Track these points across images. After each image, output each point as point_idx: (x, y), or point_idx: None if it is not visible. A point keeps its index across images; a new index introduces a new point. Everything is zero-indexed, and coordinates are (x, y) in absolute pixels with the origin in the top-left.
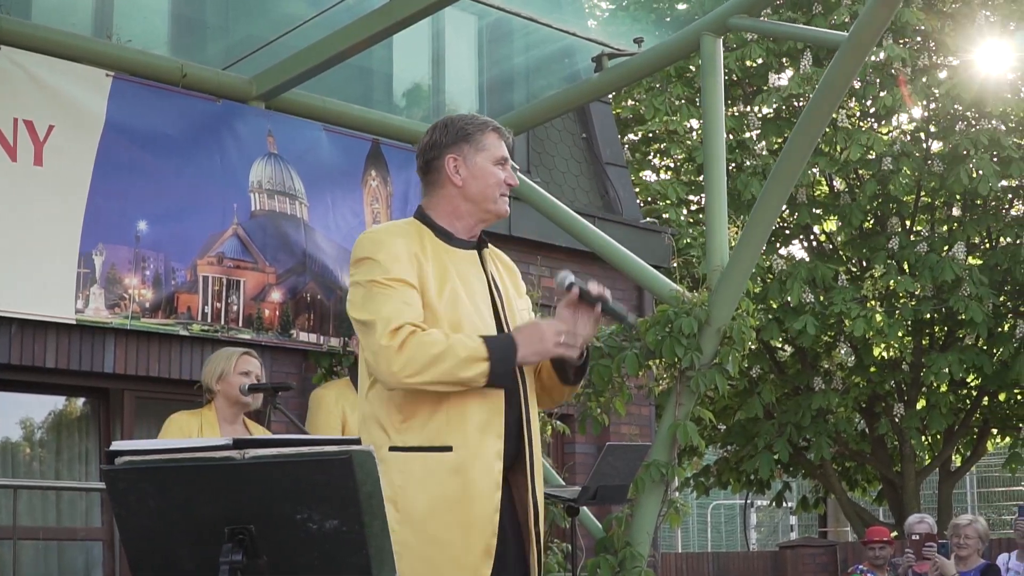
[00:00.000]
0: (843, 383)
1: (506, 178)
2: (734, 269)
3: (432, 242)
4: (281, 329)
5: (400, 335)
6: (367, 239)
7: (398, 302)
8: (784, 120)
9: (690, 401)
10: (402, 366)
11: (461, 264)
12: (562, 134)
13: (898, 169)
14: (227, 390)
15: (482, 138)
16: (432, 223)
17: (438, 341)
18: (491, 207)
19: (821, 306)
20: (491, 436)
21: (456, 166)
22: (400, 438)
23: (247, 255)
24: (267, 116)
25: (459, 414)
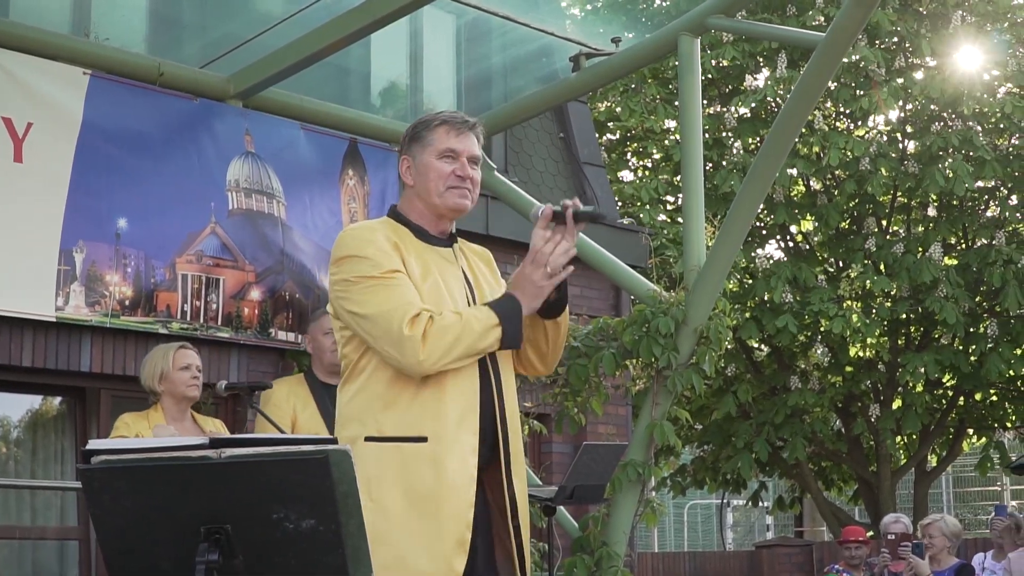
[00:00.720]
0: (819, 383)
1: (454, 169)
2: (711, 269)
3: (409, 239)
4: (260, 328)
5: (420, 324)
6: (350, 236)
7: (405, 292)
8: (761, 120)
9: (667, 401)
10: (428, 354)
11: (438, 260)
12: (540, 133)
13: (875, 170)
14: (171, 388)
15: (427, 135)
16: (407, 221)
17: (454, 322)
18: (437, 201)
19: (799, 305)
20: (466, 431)
21: (408, 167)
22: (377, 427)
23: (226, 253)
24: (244, 115)
25: (435, 406)
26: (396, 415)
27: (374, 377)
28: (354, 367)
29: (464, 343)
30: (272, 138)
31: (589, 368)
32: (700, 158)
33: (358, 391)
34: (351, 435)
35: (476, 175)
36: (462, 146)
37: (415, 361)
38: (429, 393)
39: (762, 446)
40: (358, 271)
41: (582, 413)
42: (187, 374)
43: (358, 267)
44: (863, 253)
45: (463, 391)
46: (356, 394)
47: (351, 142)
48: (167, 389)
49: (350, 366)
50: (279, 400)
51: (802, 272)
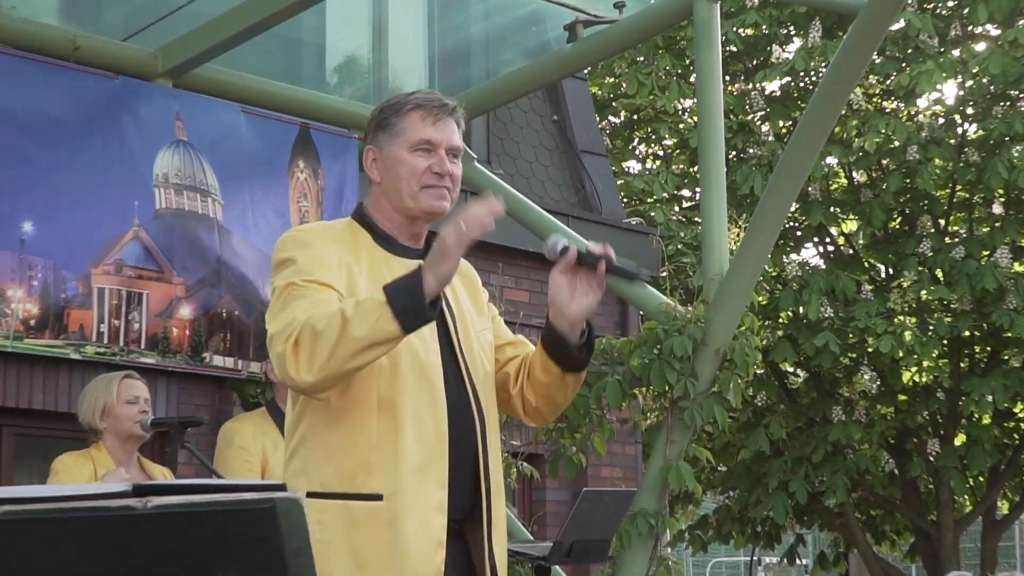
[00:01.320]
0: (867, 414)
1: (431, 165)
2: (736, 278)
3: (369, 249)
4: (192, 352)
5: (293, 334)
6: (290, 238)
7: (310, 304)
8: (793, 100)
9: (684, 437)
10: (302, 361)
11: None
12: (529, 116)
13: (927, 159)
14: (116, 425)
15: (397, 121)
16: (371, 226)
17: (327, 314)
18: (409, 203)
19: (841, 322)
20: (431, 484)
21: (374, 160)
22: (321, 481)
23: (151, 263)
24: (175, 96)
25: (391, 454)
26: (342, 465)
27: (315, 417)
28: (299, 404)
29: (337, 333)
30: (208, 124)
31: (590, 399)
32: (722, 145)
33: (302, 437)
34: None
35: (456, 171)
36: (440, 135)
37: (294, 378)
38: (383, 436)
39: (799, 486)
40: (285, 278)
41: (581, 453)
42: (134, 408)
43: (287, 274)
44: (916, 258)
45: (426, 432)
46: (300, 441)
47: (302, 128)
48: (110, 426)
49: (294, 403)
50: (245, 441)
51: (844, 281)
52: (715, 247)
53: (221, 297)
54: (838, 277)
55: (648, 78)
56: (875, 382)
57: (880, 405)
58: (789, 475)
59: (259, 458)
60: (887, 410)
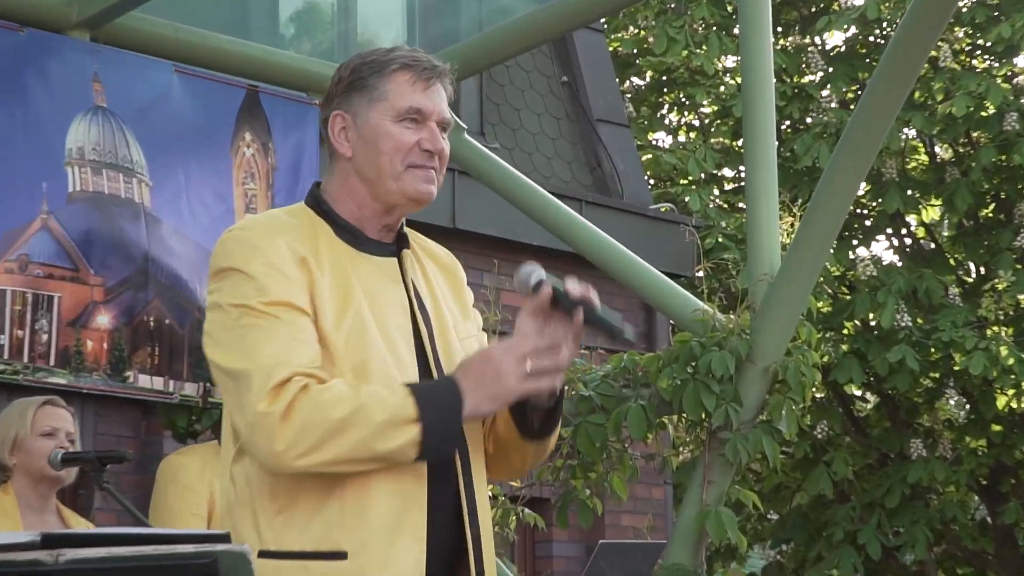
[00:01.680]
0: (952, 448)
1: (421, 140)
2: (789, 279)
3: (330, 243)
4: (111, 370)
5: (285, 395)
6: (232, 240)
7: (283, 340)
8: (860, 58)
9: (725, 477)
10: (290, 443)
11: (372, 277)
12: (532, 78)
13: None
14: (27, 462)
15: (380, 82)
16: (330, 214)
17: (342, 399)
18: (392, 187)
19: (921, 333)
20: (405, 538)
21: (345, 128)
22: (273, 538)
23: (63, 259)
24: (92, 52)
25: (357, 505)
26: (300, 519)
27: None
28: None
29: (351, 436)
30: (133, 86)
31: (608, 429)
32: (771, 113)
33: (247, 480)
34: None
35: (447, 149)
36: (431, 104)
37: (270, 451)
38: (348, 480)
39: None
40: (235, 295)
41: (597, 496)
42: (50, 443)
43: (237, 289)
44: (1013, 254)
45: (401, 480)
46: (245, 486)
47: (249, 91)
48: (21, 463)
49: (232, 441)
50: (191, 478)
51: (929, 282)
52: (763, 240)
53: (148, 302)
54: (922, 276)
55: (681, 31)
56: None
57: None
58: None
59: (207, 500)
60: (978, 443)
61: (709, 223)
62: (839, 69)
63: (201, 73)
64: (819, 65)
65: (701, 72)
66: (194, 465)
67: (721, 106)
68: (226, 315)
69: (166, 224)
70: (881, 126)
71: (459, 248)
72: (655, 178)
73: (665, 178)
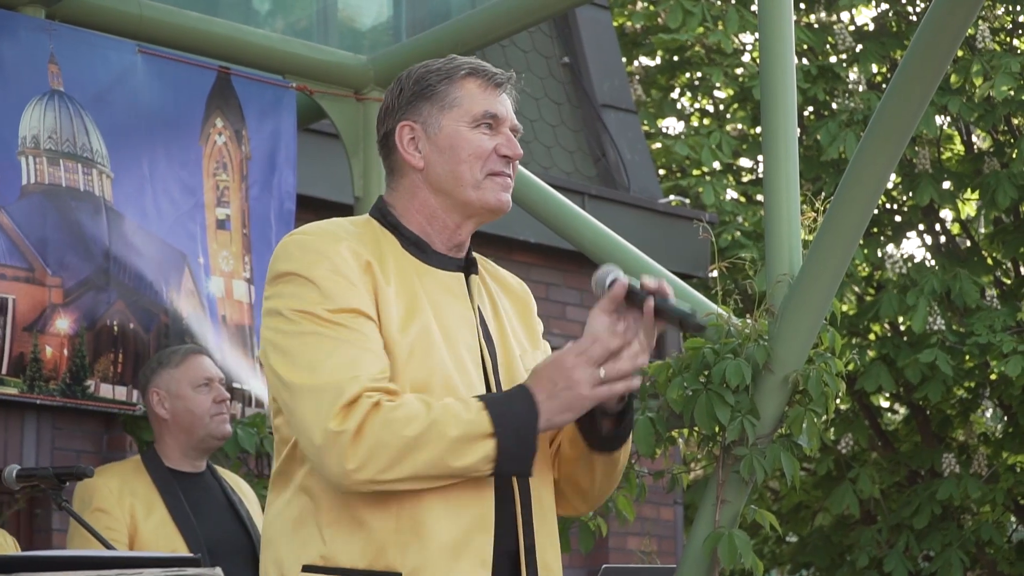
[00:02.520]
0: (988, 465)
1: (498, 146)
2: (811, 280)
3: (395, 253)
4: (71, 379)
5: (356, 413)
6: (295, 244)
7: (350, 353)
8: (892, 36)
9: (740, 496)
10: (362, 462)
11: (438, 291)
12: (530, 58)
13: None
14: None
15: (449, 89)
16: (398, 226)
17: (415, 415)
18: (472, 196)
19: (956, 337)
20: (468, 562)
21: (414, 138)
22: (320, 552)
23: (17, 258)
24: (48, 30)
25: (412, 523)
26: (353, 534)
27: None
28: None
29: (425, 453)
30: (93, 68)
31: None
32: (793, 96)
33: (297, 492)
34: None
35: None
36: (504, 109)
37: (340, 471)
38: (407, 501)
39: (898, 565)
40: (297, 302)
41: (601, 517)
42: None
43: (299, 295)
44: None
45: (466, 500)
46: (294, 496)
47: (220, 73)
48: None
49: (283, 446)
50: (107, 501)
51: (964, 283)
52: (783, 236)
53: (111, 304)
54: (957, 277)
55: (696, 5)
56: (999, 421)
57: (1007, 452)
58: (884, 548)
59: (125, 524)
60: (1016, 459)
61: (724, 218)
62: (868, 48)
63: (167, 54)
64: (847, 43)
65: (719, 50)
66: (112, 485)
67: (739, 89)
68: (288, 322)
69: (129, 220)
70: (913, 112)
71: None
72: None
73: (677, 169)
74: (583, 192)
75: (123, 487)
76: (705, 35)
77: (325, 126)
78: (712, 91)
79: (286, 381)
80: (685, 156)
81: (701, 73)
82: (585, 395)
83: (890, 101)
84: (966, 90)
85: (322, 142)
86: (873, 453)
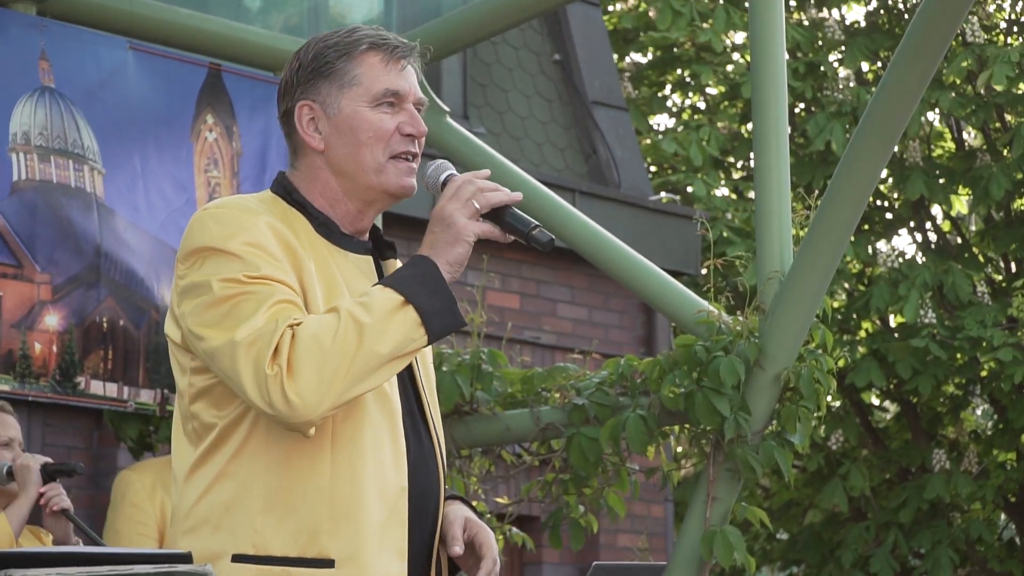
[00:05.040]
0: (979, 462)
1: (400, 124)
2: (802, 276)
3: (307, 233)
4: (61, 376)
5: (282, 352)
6: (211, 217)
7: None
8: (883, 32)
9: (731, 494)
10: (308, 384)
11: (351, 274)
12: (521, 55)
13: None
14: None
15: (348, 66)
16: (305, 205)
17: (326, 322)
18: (373, 181)
19: (947, 333)
20: (389, 551)
21: (313, 119)
22: (252, 540)
23: (5, 254)
24: (39, 28)
25: (347, 506)
26: (287, 518)
27: (254, 453)
28: (217, 436)
29: (361, 349)
30: (84, 65)
31: (602, 440)
32: (784, 93)
33: (219, 479)
34: (207, 550)
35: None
36: (407, 85)
37: (285, 409)
38: (339, 482)
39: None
40: (223, 273)
41: (592, 514)
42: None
43: (222, 267)
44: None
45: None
46: (217, 481)
47: (212, 70)
48: None
49: (207, 433)
50: (140, 496)
51: (956, 277)
52: (774, 233)
53: (101, 301)
54: (949, 271)
55: (686, 4)
56: (990, 418)
57: (997, 449)
58: (871, 546)
59: (156, 520)
60: (1006, 456)
61: (714, 215)
62: (857, 45)
63: (158, 50)
64: (836, 39)
65: (708, 49)
66: (145, 481)
67: (729, 87)
68: (215, 292)
69: (120, 216)
70: (905, 108)
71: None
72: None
73: (667, 166)
74: (574, 189)
75: (156, 483)
76: (695, 34)
77: None
78: (703, 89)
79: (221, 343)
80: (673, 153)
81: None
82: (464, 223)
83: (881, 98)
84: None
85: None
86: (864, 451)
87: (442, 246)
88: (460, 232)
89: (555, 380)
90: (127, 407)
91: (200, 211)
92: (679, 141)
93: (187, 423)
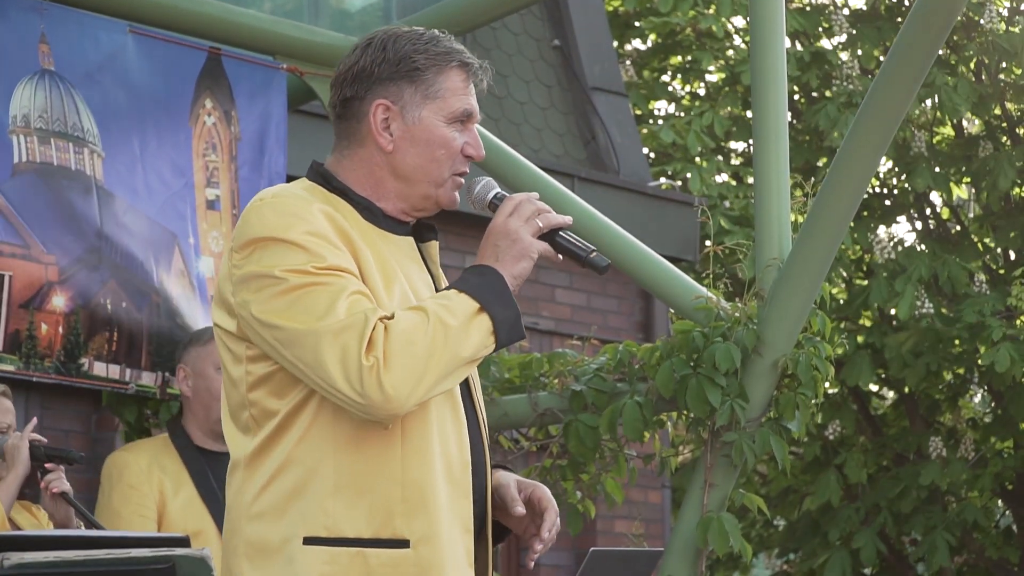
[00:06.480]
0: (976, 449)
1: (464, 146)
2: (801, 264)
3: (353, 219)
4: (65, 357)
5: (376, 344)
6: (268, 207)
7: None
8: (885, 20)
9: (728, 480)
10: (404, 378)
11: (401, 256)
12: (520, 41)
13: None
14: None
15: (437, 78)
16: (347, 191)
17: (416, 321)
18: (431, 192)
19: (945, 322)
20: (458, 528)
21: (388, 119)
22: (325, 523)
23: (12, 234)
24: (38, 9)
25: (419, 488)
26: (358, 500)
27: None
28: (280, 422)
29: (443, 353)
30: (84, 48)
31: (600, 427)
32: (783, 78)
33: (287, 463)
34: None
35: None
36: (477, 107)
37: (380, 400)
38: (410, 464)
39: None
40: (287, 263)
41: (589, 500)
42: None
43: (285, 257)
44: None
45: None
46: (284, 467)
47: (211, 54)
48: None
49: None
50: (137, 478)
51: (952, 268)
52: (773, 220)
53: (104, 283)
54: (945, 263)
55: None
56: (988, 406)
57: (994, 437)
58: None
59: (154, 501)
60: (1003, 444)
61: (712, 202)
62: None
63: (158, 34)
64: (842, 27)
65: (709, 35)
66: (141, 462)
67: (729, 73)
68: (281, 281)
69: (120, 199)
70: (904, 96)
71: (440, 229)
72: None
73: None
74: (573, 175)
75: (152, 463)
76: (695, 19)
77: (315, 107)
78: (703, 75)
79: (300, 332)
80: (671, 142)
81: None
82: (530, 240)
83: (881, 85)
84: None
85: (312, 123)
86: (861, 438)
87: (508, 260)
88: (526, 248)
89: (553, 366)
90: (128, 389)
91: (255, 200)
92: (677, 130)
93: (243, 411)
